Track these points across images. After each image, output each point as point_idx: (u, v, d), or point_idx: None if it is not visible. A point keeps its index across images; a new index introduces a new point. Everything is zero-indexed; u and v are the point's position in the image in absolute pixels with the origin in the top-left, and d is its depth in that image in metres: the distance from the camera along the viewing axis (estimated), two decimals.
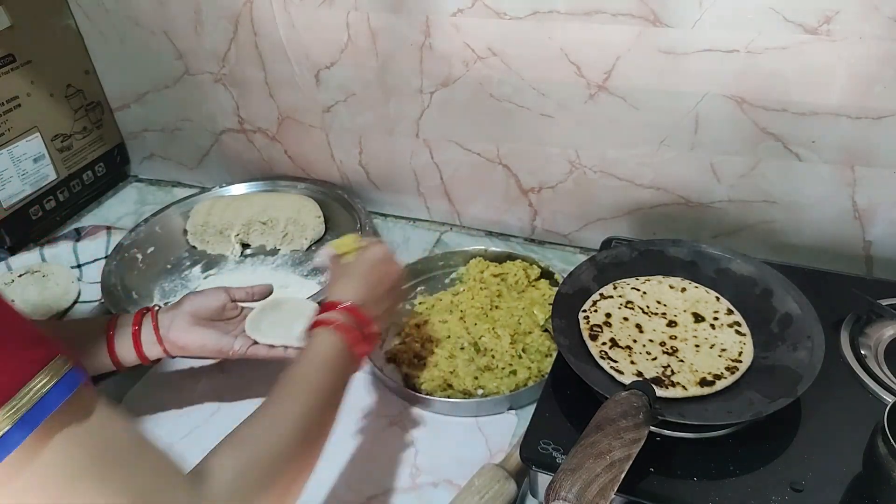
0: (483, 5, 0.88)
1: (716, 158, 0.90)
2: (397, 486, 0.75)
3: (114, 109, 1.30)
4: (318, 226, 1.13)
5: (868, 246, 0.89)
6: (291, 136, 1.17)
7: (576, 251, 1.08)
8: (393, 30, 0.95)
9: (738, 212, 0.93)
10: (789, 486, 0.59)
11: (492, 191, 1.07)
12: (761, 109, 0.83)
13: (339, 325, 0.67)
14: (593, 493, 0.51)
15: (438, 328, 0.90)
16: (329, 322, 0.67)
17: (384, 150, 1.10)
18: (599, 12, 0.83)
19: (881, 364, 0.71)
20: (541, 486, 0.66)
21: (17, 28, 1.10)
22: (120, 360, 0.77)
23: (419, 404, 0.84)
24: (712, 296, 0.77)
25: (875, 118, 0.79)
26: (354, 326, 0.68)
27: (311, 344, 0.66)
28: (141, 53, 1.17)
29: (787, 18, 0.76)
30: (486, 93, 0.96)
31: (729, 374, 0.67)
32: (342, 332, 0.67)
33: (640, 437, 0.56)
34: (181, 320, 0.78)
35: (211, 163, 1.28)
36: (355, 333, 0.67)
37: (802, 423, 0.65)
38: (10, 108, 1.11)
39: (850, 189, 0.85)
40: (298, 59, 1.05)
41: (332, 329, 0.66)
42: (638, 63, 0.85)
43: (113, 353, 0.77)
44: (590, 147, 0.95)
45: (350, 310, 0.69)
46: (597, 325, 0.73)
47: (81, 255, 1.10)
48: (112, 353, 0.77)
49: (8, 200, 1.13)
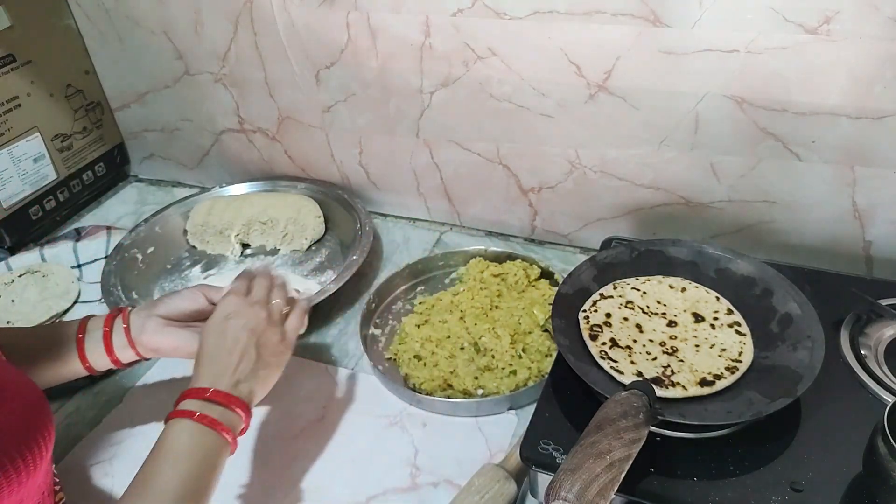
0: (483, 5, 0.88)
1: (716, 158, 0.90)
2: (397, 486, 0.75)
3: (114, 109, 1.30)
4: (318, 226, 1.13)
5: (868, 246, 0.89)
6: (291, 136, 1.17)
7: (576, 251, 1.08)
8: (393, 30, 0.95)
9: (738, 212, 0.93)
10: (789, 486, 0.59)
11: (492, 191, 1.07)
12: (761, 109, 0.83)
13: (201, 416, 0.63)
14: (593, 493, 0.51)
15: (438, 328, 0.90)
16: (188, 414, 0.63)
17: (384, 150, 1.10)
18: (599, 12, 0.83)
19: (881, 364, 0.71)
20: (541, 486, 0.66)
21: (17, 28, 1.10)
22: (92, 364, 0.74)
23: (419, 404, 0.84)
24: (712, 296, 0.77)
25: (875, 118, 0.79)
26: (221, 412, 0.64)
27: (164, 437, 0.62)
28: (141, 53, 1.17)
29: (787, 18, 0.76)
30: (486, 93, 0.96)
31: (729, 374, 0.67)
32: (203, 422, 0.63)
33: (640, 437, 0.56)
34: (153, 323, 0.75)
35: (211, 163, 1.28)
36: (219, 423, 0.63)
37: (802, 423, 0.65)
38: (10, 108, 1.11)
39: (850, 189, 0.85)
40: (298, 59, 1.05)
41: (191, 420, 0.63)
42: (638, 63, 0.85)
43: (84, 359, 0.74)
44: (590, 147, 0.95)
45: (215, 395, 0.65)
46: (597, 325, 0.73)
47: (81, 255, 1.11)
48: (83, 359, 0.74)
49: (8, 200, 1.13)
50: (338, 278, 0.97)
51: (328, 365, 0.91)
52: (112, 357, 0.75)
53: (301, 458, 0.79)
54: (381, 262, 1.10)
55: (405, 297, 1.01)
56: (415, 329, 0.91)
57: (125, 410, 0.87)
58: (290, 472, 0.78)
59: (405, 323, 0.93)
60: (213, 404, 0.64)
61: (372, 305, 0.97)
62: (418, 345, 0.89)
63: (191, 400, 0.65)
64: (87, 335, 0.74)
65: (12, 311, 1.00)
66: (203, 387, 0.65)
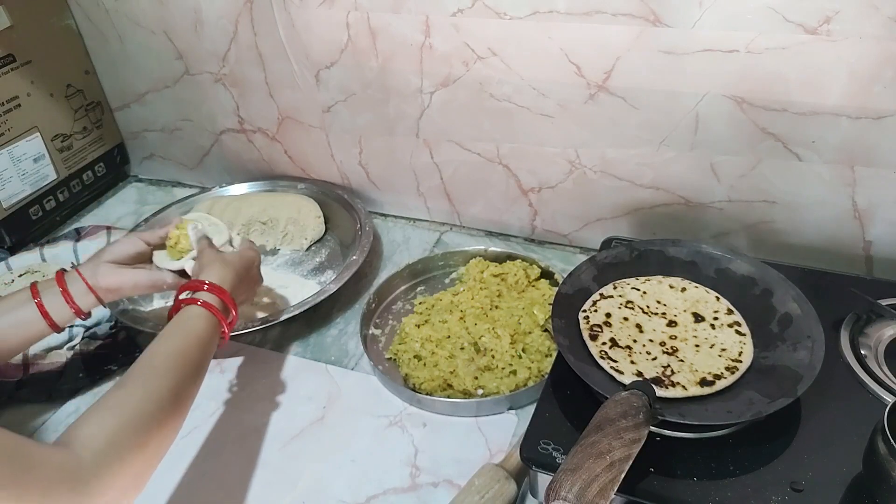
0: (483, 5, 0.88)
1: (716, 158, 0.90)
2: (397, 486, 0.75)
3: (114, 109, 1.30)
4: (318, 226, 1.13)
5: (868, 246, 0.89)
6: (291, 136, 1.17)
7: (576, 251, 1.08)
8: (393, 30, 0.95)
9: (738, 212, 0.93)
10: (789, 486, 0.59)
11: (492, 191, 1.07)
12: (761, 109, 0.83)
13: (205, 304, 0.74)
14: (593, 493, 0.51)
15: (438, 328, 0.90)
16: (196, 300, 0.74)
17: (384, 150, 1.10)
18: (599, 12, 0.83)
19: (881, 364, 0.71)
20: (541, 486, 0.66)
21: (17, 28, 1.10)
22: (55, 320, 0.78)
23: (419, 404, 0.84)
24: (712, 296, 0.77)
25: (875, 118, 0.79)
26: (220, 307, 0.75)
27: (180, 318, 0.72)
28: (141, 53, 1.17)
29: (787, 18, 0.76)
30: (486, 93, 0.96)
31: (729, 373, 0.67)
32: (209, 309, 0.73)
33: (640, 437, 0.56)
34: (105, 268, 0.81)
35: (211, 163, 1.28)
36: (220, 314, 0.74)
37: (802, 423, 0.65)
38: (10, 108, 1.11)
39: (850, 189, 0.85)
40: (298, 59, 1.05)
41: (200, 306, 0.73)
42: (638, 63, 0.85)
43: (46, 315, 0.77)
44: (590, 147, 0.95)
45: (217, 290, 0.76)
46: (597, 325, 0.73)
47: (81, 255, 1.10)
48: (45, 316, 0.77)
49: (8, 200, 1.13)
50: (338, 278, 0.98)
51: (328, 365, 0.91)
52: (74, 307, 0.78)
53: (301, 458, 0.79)
54: (381, 262, 1.10)
55: (405, 297, 1.01)
56: (415, 329, 0.91)
57: None
58: (290, 472, 0.78)
59: (405, 323, 0.93)
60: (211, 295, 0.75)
61: (372, 305, 0.97)
62: (418, 345, 0.89)
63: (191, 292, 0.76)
64: (42, 294, 0.77)
65: None
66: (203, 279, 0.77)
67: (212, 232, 0.89)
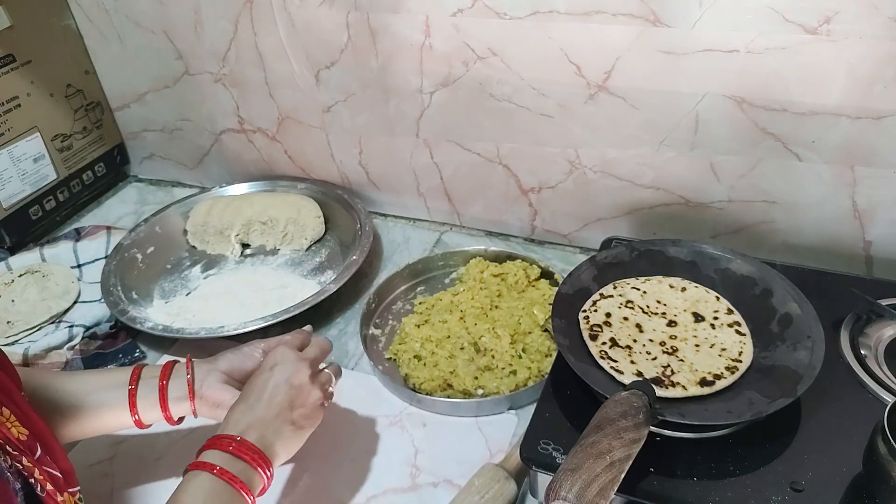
0: (483, 5, 0.88)
1: (716, 158, 0.90)
2: (397, 486, 0.75)
3: (114, 109, 1.30)
4: (318, 226, 1.13)
5: (868, 246, 0.89)
6: (291, 136, 1.17)
7: (576, 251, 1.08)
8: (393, 30, 0.95)
9: (738, 212, 0.93)
10: (789, 486, 0.59)
11: (492, 191, 1.07)
12: (761, 109, 0.83)
13: (221, 471, 0.60)
14: (593, 493, 0.51)
15: (438, 328, 0.90)
16: (208, 467, 0.60)
17: (384, 150, 1.10)
18: (599, 12, 0.83)
19: (881, 364, 0.71)
20: (541, 486, 0.66)
21: (17, 28, 1.10)
22: (141, 418, 0.70)
23: (419, 404, 0.84)
24: (712, 295, 0.77)
25: (875, 118, 0.79)
26: (242, 468, 0.61)
27: (182, 490, 0.59)
28: (141, 53, 1.17)
29: (786, 18, 0.76)
30: (486, 93, 0.96)
31: (729, 373, 0.67)
32: (223, 477, 0.60)
33: (640, 437, 0.56)
34: (215, 376, 0.71)
35: (211, 163, 1.29)
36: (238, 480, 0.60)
37: (802, 423, 0.65)
38: (10, 108, 1.11)
39: (850, 189, 0.85)
40: (298, 59, 1.05)
41: (210, 474, 0.59)
42: (638, 63, 0.85)
43: (134, 409, 0.69)
44: (590, 147, 0.95)
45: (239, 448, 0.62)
46: (597, 325, 0.73)
47: (81, 255, 1.11)
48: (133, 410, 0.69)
49: (8, 200, 1.13)
50: (338, 278, 0.98)
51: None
52: (165, 412, 0.71)
53: (301, 458, 0.79)
54: (381, 262, 1.10)
55: (405, 297, 1.01)
56: (415, 329, 0.91)
57: None
58: (290, 472, 0.78)
59: (405, 323, 0.93)
60: (236, 459, 0.61)
61: (372, 305, 0.97)
62: (418, 345, 0.89)
63: (214, 451, 0.61)
64: (140, 384, 0.70)
65: (12, 311, 1.00)
66: (231, 434, 0.63)
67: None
